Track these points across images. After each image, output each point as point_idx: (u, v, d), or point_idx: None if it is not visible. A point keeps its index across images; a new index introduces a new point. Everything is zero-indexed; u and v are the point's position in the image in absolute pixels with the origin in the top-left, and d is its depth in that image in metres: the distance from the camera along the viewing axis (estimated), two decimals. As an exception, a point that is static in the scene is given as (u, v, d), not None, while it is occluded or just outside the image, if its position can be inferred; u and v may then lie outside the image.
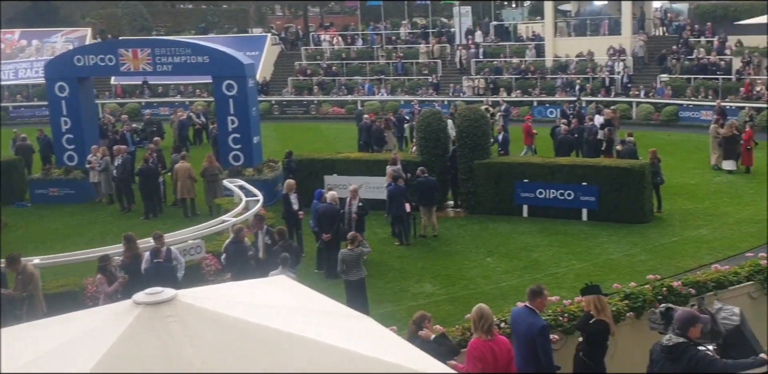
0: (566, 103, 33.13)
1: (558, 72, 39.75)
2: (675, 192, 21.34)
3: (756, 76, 34.48)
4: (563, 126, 24.73)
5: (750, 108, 30.66)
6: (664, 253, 16.32)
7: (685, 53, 37.98)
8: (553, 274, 15.21)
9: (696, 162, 25.43)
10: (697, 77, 35.95)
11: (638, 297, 9.99)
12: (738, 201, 20.45)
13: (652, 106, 35.01)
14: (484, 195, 19.94)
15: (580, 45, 40.91)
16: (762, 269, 10.85)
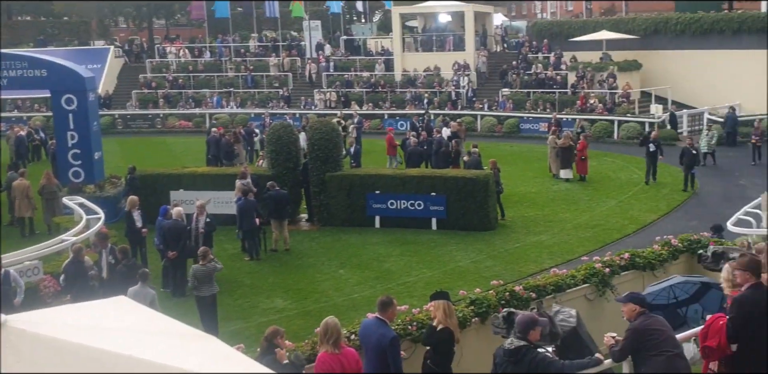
0: (415, 115, 33.92)
1: (407, 86, 40.59)
2: (517, 200, 22.20)
3: (589, 89, 36.59)
4: (413, 138, 25.21)
5: (581, 119, 32.45)
6: (508, 259, 16.89)
7: (524, 68, 39.77)
8: (405, 283, 15.36)
9: (536, 171, 26.58)
10: (536, 91, 37.72)
11: (483, 303, 10.17)
12: (575, 207, 21.50)
13: (495, 119, 36.39)
14: (337, 207, 19.95)
15: (427, 60, 42.00)
16: (597, 272, 11.34)
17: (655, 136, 24.75)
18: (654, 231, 17.38)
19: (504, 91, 38.49)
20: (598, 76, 36.99)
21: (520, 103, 37.18)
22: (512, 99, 37.48)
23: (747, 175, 25.17)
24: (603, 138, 32.62)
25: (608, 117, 33.74)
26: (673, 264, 12.09)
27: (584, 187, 24.03)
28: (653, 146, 23.72)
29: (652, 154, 23.81)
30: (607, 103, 35.18)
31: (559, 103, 36.38)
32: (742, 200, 19.11)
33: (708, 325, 7.28)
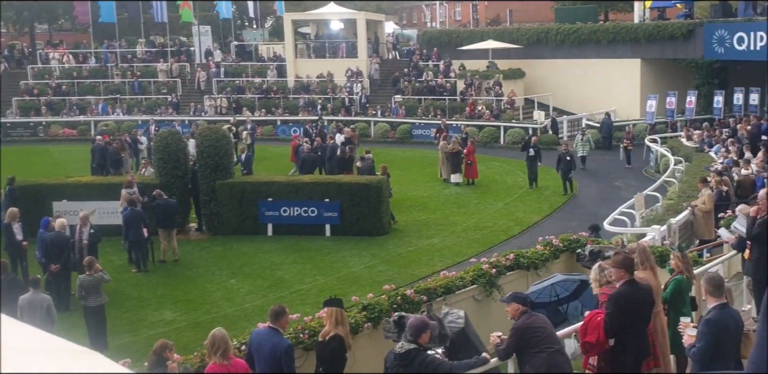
0: (309, 122, 33.75)
1: (300, 92, 40.42)
2: (410, 205, 22.46)
3: (477, 96, 37.47)
4: (306, 144, 25.06)
5: (465, 125, 33.13)
6: (401, 263, 17.03)
7: (415, 76, 40.33)
8: (298, 291, 15.22)
9: (428, 176, 26.96)
10: (427, 98, 38.32)
11: (375, 308, 10.17)
12: (465, 210, 21.93)
13: (388, 125, 36.75)
14: (228, 215, 19.60)
15: (320, 66, 41.96)
16: (484, 273, 11.56)
17: (535, 141, 25.36)
18: (537, 232, 17.93)
19: (396, 97, 38.91)
20: (485, 84, 37.90)
21: (412, 110, 37.65)
22: (404, 105, 37.92)
23: (622, 177, 26.33)
24: (490, 143, 33.47)
25: (495, 123, 34.63)
26: (554, 263, 12.46)
27: (473, 191, 24.54)
28: (533, 151, 24.32)
29: (532, 159, 24.40)
30: (494, 109, 36.12)
31: (449, 110, 37.04)
32: (618, 201, 19.99)
33: (587, 321, 7.52)
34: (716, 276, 7.13)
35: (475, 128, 34.17)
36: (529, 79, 38.65)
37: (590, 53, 37.31)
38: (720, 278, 7.09)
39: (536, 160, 24.37)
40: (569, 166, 23.67)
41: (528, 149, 24.48)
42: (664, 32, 34.73)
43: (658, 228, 13.80)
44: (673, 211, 16.20)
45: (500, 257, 12.15)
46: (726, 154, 21.17)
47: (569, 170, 23.65)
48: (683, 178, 20.69)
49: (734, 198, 16.31)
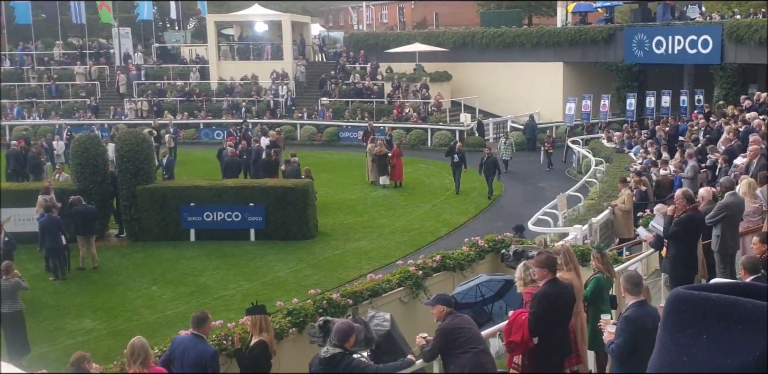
0: (233, 125, 33.34)
1: (224, 94, 39.90)
2: (337, 208, 22.43)
3: (405, 99, 37.68)
4: (230, 148, 24.75)
5: (390, 128, 33.22)
6: (327, 266, 16.99)
7: (342, 78, 40.31)
8: (221, 297, 15.02)
9: (355, 178, 27.00)
10: (354, 100, 38.33)
11: (300, 313, 10.11)
12: (392, 213, 22.05)
13: (314, 128, 36.62)
14: (149, 221, 19.18)
15: (245, 68, 41.52)
16: (411, 275, 11.61)
17: (459, 146, 25.40)
18: (464, 233, 18.15)
19: (323, 100, 38.80)
20: (413, 87, 38.15)
21: (338, 112, 37.61)
22: (331, 108, 37.86)
23: (546, 179, 26.91)
24: (418, 145, 33.70)
25: (422, 125, 34.91)
26: (480, 263, 12.63)
27: (401, 193, 24.68)
28: (457, 157, 24.29)
29: (456, 165, 24.38)
30: (421, 112, 36.39)
31: (376, 112, 37.16)
32: (542, 201, 20.40)
33: (512, 321, 7.61)
34: (634, 274, 7.31)
35: (402, 130, 34.37)
36: (455, 82, 39.09)
37: (515, 56, 37.99)
38: (638, 276, 7.26)
39: (461, 165, 24.44)
40: (492, 169, 23.82)
41: (452, 155, 24.55)
42: (586, 36, 35.64)
43: (579, 228, 14.12)
44: (594, 211, 16.61)
45: (427, 259, 12.26)
46: (645, 155, 21.81)
47: (492, 174, 23.81)
48: (604, 179, 21.23)
49: (653, 198, 16.81)
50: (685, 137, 22.70)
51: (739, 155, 15.89)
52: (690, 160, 17.39)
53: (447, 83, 38.91)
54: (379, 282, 11.26)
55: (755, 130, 17.00)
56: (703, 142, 19.27)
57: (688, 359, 1.04)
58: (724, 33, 30.98)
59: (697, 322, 1.05)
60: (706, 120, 23.13)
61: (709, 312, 1.05)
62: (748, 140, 15.20)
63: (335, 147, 34.85)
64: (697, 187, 15.15)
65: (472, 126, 34.32)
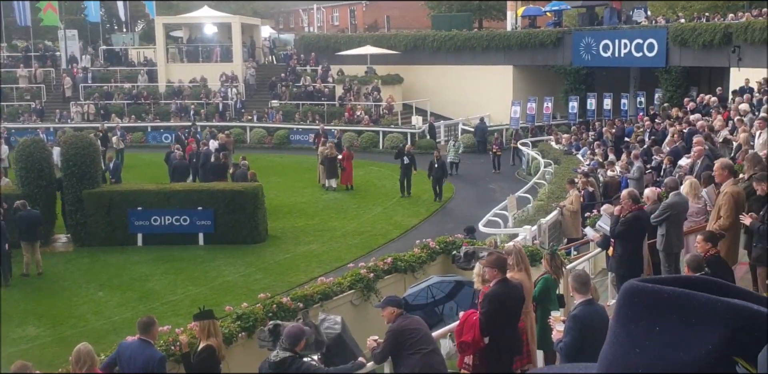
0: (181, 128, 32.94)
1: (172, 97, 39.41)
2: (288, 211, 22.34)
3: (356, 101, 37.69)
4: (178, 151, 24.46)
5: (339, 130, 33.12)
6: (278, 270, 16.90)
7: (293, 80, 40.16)
8: (169, 302, 14.85)
9: (306, 181, 26.91)
10: (305, 103, 38.21)
11: (250, 317, 10.01)
12: (344, 216, 22.03)
13: (264, 130, 36.38)
14: (96, 225, 18.84)
15: (193, 71, 41.10)
16: (362, 277, 11.60)
17: (409, 148, 25.22)
18: (415, 235, 18.18)
19: (273, 102, 38.61)
20: (364, 89, 38.21)
21: (289, 115, 37.44)
22: (282, 110, 37.67)
23: (496, 180, 27.20)
24: (369, 148, 33.74)
25: (374, 128, 34.96)
26: (431, 265, 12.68)
27: (352, 196, 24.67)
28: (407, 159, 23.98)
29: (406, 167, 24.06)
30: (373, 114, 36.45)
31: (327, 115, 37.08)
32: (492, 203, 20.61)
33: (462, 321, 7.66)
34: (582, 274, 7.40)
35: (353, 133, 34.35)
36: (407, 85, 39.24)
37: (466, 59, 38.30)
38: (586, 275, 7.36)
39: (410, 168, 24.14)
40: (441, 172, 23.77)
41: (402, 157, 24.24)
42: (535, 40, 36.11)
43: (529, 229, 14.27)
44: (543, 212, 16.83)
45: (378, 261, 12.26)
46: (592, 157, 22.17)
47: (441, 177, 23.75)
48: (552, 180, 21.52)
49: (600, 199, 17.08)
50: (631, 139, 23.13)
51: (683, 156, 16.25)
52: (636, 161, 17.71)
53: (398, 86, 39.04)
54: (329, 285, 11.21)
55: (699, 132, 17.40)
56: (648, 144, 19.64)
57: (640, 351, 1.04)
58: (669, 36, 31.71)
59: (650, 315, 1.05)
60: (651, 122, 23.60)
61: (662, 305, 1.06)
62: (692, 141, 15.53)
63: (286, 150, 34.67)
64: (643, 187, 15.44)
65: (423, 128, 34.49)
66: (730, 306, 1.02)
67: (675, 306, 1.04)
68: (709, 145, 15.09)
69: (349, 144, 30.33)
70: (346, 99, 37.86)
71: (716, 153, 14.80)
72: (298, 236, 19.82)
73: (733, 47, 28.32)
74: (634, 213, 9.71)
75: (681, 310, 1.04)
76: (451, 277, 11.38)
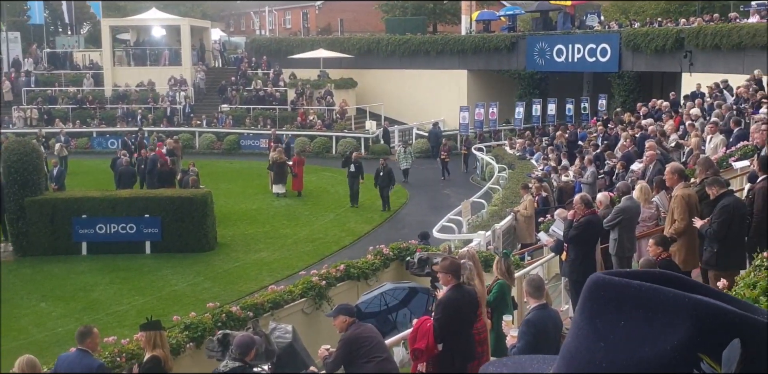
0: (128, 133, 32.51)
1: (118, 101, 38.88)
2: (238, 219, 22.24)
3: (309, 106, 37.58)
4: (124, 157, 24.14)
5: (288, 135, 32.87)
6: (227, 279, 16.82)
7: (243, 84, 39.90)
8: (114, 313, 14.67)
9: (257, 188, 26.79)
10: (256, 107, 37.99)
11: (198, 327, 9.94)
12: (295, 223, 22.00)
13: (214, 136, 36.09)
14: (38, 234, 18.50)
15: (141, 74, 40.60)
16: (313, 285, 11.57)
17: (356, 156, 24.67)
18: (369, 242, 18.27)
19: (223, 106, 38.33)
20: (317, 93, 38.14)
21: (239, 120, 37.20)
22: (232, 115, 37.40)
23: (450, 186, 27.40)
24: (322, 153, 33.67)
25: (326, 133, 34.92)
26: (384, 272, 12.74)
27: (304, 202, 24.63)
28: (354, 167, 23.52)
29: (353, 176, 23.56)
30: (326, 119, 36.39)
31: (279, 120, 36.94)
32: (446, 208, 20.77)
33: (416, 328, 7.66)
34: (536, 278, 7.47)
35: (306, 138, 34.24)
36: (360, 89, 39.30)
37: (420, 64, 38.51)
38: (540, 280, 7.44)
39: (358, 176, 23.54)
40: (387, 181, 23.11)
41: (349, 165, 23.76)
42: (489, 44, 36.47)
43: (483, 234, 14.38)
44: (498, 217, 16.99)
45: (331, 268, 12.27)
46: (546, 162, 22.44)
47: (387, 185, 23.20)
48: (507, 185, 21.75)
49: (554, 204, 17.29)
50: (585, 143, 23.48)
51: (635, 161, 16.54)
52: (589, 165, 17.98)
53: (352, 90, 39.06)
54: (280, 294, 11.21)
55: (650, 136, 17.75)
56: (601, 148, 19.97)
57: (604, 345, 1.04)
58: (621, 41, 32.30)
59: (616, 308, 1.05)
60: (604, 127, 23.99)
61: (628, 299, 1.05)
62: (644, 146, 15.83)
63: (236, 155, 34.41)
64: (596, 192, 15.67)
65: (377, 133, 34.56)
66: (696, 302, 1.02)
67: (641, 300, 1.04)
68: (660, 150, 15.39)
69: (300, 149, 30.21)
70: (299, 103, 37.75)
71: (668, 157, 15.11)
72: (248, 244, 19.75)
73: (684, 52, 28.96)
74: (586, 217, 9.84)
75: (647, 304, 1.03)
76: (404, 284, 11.41)
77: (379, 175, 23.32)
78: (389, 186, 23.39)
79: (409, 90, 38.30)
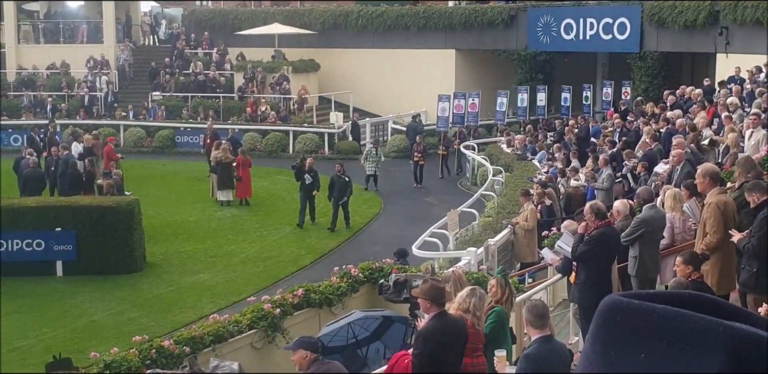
0: (35, 127, 32.31)
1: (23, 88, 38.66)
2: (172, 233, 22.24)
3: (260, 94, 37.55)
4: (30, 157, 24.05)
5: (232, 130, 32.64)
6: (158, 307, 16.83)
7: (180, 67, 39.84)
8: (17, 349, 14.61)
9: (196, 195, 26.74)
10: (196, 96, 37.97)
11: (122, 365, 9.94)
12: (244, 238, 22.00)
13: (143, 130, 35.88)
14: None
15: (52, 54, 40.52)
16: (266, 314, 11.57)
17: (310, 163, 23.44)
18: (333, 261, 18.19)
19: (155, 95, 38.26)
20: (270, 78, 38.12)
21: (175, 111, 37.15)
22: (165, 105, 37.32)
23: (434, 192, 27.47)
24: (276, 152, 33.63)
25: (282, 127, 34.90)
26: (353, 297, 12.80)
27: (255, 213, 24.67)
28: (310, 178, 22.78)
29: (308, 189, 22.71)
30: (281, 110, 36.44)
31: (224, 111, 36.84)
32: (429, 220, 20.76)
33: (392, 365, 7.70)
34: (539, 304, 7.51)
35: (257, 134, 34.21)
36: (324, 73, 39.37)
37: (397, 42, 38.65)
38: (543, 306, 7.48)
39: (314, 187, 22.82)
40: (343, 191, 22.42)
41: (302, 177, 22.85)
42: (483, 18, 36.73)
43: (474, 251, 14.44)
44: (492, 230, 17.07)
45: (286, 293, 12.32)
46: (551, 163, 22.60)
47: (342, 196, 22.45)
48: (503, 191, 21.86)
49: (561, 214, 17.41)
50: (599, 140, 23.66)
51: (660, 161, 16.70)
52: (604, 167, 18.13)
53: (314, 74, 39.15)
54: (224, 324, 11.25)
55: (679, 132, 17.93)
56: (618, 146, 20.14)
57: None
58: (644, 15, 32.61)
59: (635, 337, 1.04)
60: (622, 119, 24.21)
61: (650, 327, 1.05)
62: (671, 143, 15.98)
63: (170, 155, 34.24)
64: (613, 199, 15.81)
65: (344, 128, 34.58)
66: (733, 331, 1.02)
67: (666, 329, 1.04)
68: (690, 148, 15.56)
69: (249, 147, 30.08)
70: (248, 91, 37.76)
71: (699, 157, 15.28)
72: (184, 264, 19.74)
73: (720, 29, 29.29)
74: (600, 230, 9.89)
75: (673, 333, 1.03)
76: (377, 312, 11.45)
77: (334, 184, 22.57)
78: (344, 196, 22.52)
79: (384, 74, 38.39)
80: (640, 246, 10.65)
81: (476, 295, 7.82)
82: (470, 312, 7.66)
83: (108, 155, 26.16)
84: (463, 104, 33.17)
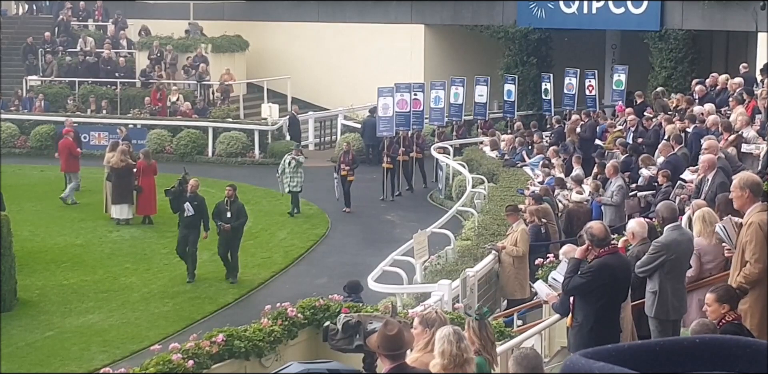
0: None
1: None
2: (52, 260, 22.08)
3: (170, 79, 37.40)
4: None
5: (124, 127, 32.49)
6: (32, 358, 16.68)
7: (65, 44, 39.72)
8: None
9: (85, 211, 26.69)
10: (85, 81, 37.93)
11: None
12: (147, 266, 21.96)
13: (15, 126, 35.64)
14: None
15: None
16: (174, 367, 11.49)
17: (194, 187, 21.53)
18: (265, 297, 18.35)
19: (31, 79, 38.18)
20: (184, 60, 38.04)
21: (58, 101, 37.07)
22: (45, 93, 37.11)
23: (396, 208, 27.50)
24: (191, 155, 33.54)
25: (199, 123, 34.89)
26: (289, 345, 12.76)
27: (159, 234, 24.56)
28: (191, 208, 20.98)
29: (190, 224, 20.99)
30: (197, 100, 36.33)
31: (122, 101, 36.68)
32: (389, 243, 20.93)
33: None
34: (530, 354, 7.52)
35: (165, 131, 34.10)
36: (254, 54, 39.47)
37: (351, 14, 38.78)
38: (535, 356, 7.49)
39: (199, 224, 21.02)
40: (233, 237, 20.96)
41: (183, 205, 21.18)
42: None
43: (448, 285, 14.42)
44: (471, 257, 17.07)
45: (202, 340, 12.21)
46: (547, 170, 22.68)
47: (233, 242, 21.05)
48: (485, 207, 21.92)
49: (560, 236, 17.46)
50: (607, 142, 23.78)
51: (685, 169, 16.82)
52: (613, 176, 18.23)
53: (240, 55, 39.32)
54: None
55: (710, 132, 18.06)
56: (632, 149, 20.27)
57: None
58: (665, -15, 32.88)
59: None
60: (637, 116, 24.35)
61: None
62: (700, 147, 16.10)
63: (50, 159, 33.89)
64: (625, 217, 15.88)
65: (280, 124, 34.51)
66: None
67: None
68: (725, 153, 15.68)
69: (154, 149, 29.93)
70: (154, 75, 37.64)
71: (736, 164, 15.41)
72: (68, 301, 19.65)
73: (762, 2, 29.60)
74: (602, 259, 9.79)
75: None
76: (321, 364, 11.34)
77: (220, 212, 21.03)
78: (235, 242, 21.16)
79: (332, 56, 38.44)
80: (661, 278, 10.67)
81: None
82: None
83: (68, 149, 26.03)
84: (442, 96, 32.62)
